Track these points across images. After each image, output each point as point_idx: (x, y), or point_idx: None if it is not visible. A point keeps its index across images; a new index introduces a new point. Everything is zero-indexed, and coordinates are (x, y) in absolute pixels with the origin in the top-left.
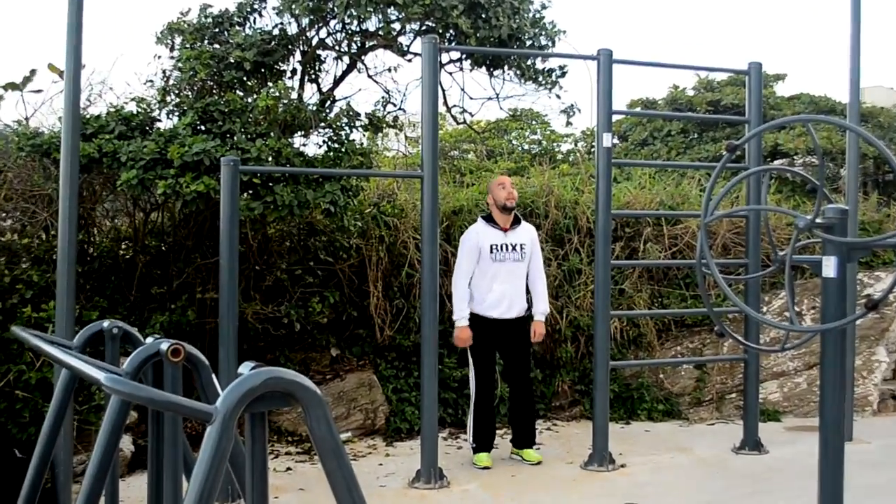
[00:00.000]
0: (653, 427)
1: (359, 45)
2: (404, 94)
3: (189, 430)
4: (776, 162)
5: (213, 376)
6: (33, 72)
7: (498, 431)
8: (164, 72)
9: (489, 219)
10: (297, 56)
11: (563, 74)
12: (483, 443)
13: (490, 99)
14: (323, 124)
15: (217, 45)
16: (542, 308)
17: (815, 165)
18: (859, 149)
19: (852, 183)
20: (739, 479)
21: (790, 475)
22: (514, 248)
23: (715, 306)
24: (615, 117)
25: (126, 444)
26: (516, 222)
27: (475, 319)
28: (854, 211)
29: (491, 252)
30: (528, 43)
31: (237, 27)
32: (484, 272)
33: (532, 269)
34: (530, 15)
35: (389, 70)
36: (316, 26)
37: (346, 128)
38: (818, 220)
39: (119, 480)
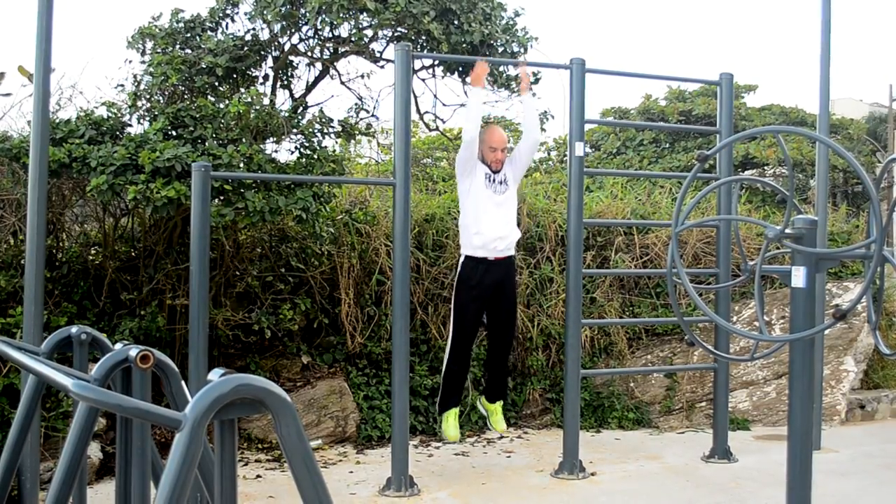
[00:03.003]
0: (623, 435)
1: (331, 51)
2: (377, 101)
3: (158, 437)
4: (747, 172)
5: (183, 383)
6: (1, 75)
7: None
8: (135, 76)
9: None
10: (270, 62)
11: (536, 81)
12: (451, 402)
13: (463, 105)
14: (295, 130)
15: (189, 51)
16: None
17: (785, 176)
18: (829, 160)
19: (822, 194)
20: (709, 487)
21: (759, 484)
22: (501, 182)
23: (685, 315)
24: (588, 126)
25: (94, 450)
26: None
27: (467, 265)
28: (823, 222)
29: (486, 178)
30: (500, 49)
31: (209, 32)
32: (476, 201)
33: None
34: (502, 22)
35: (362, 76)
36: (288, 32)
37: (319, 134)
38: (788, 231)
39: (87, 487)
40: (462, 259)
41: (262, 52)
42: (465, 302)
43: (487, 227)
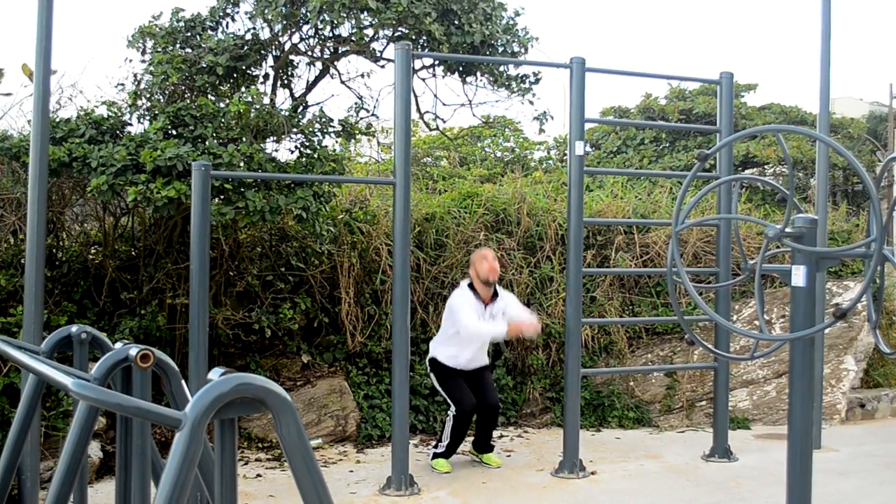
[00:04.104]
0: (623, 434)
1: (332, 50)
2: (377, 101)
3: (158, 436)
4: (747, 171)
5: (183, 382)
6: (1, 73)
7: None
8: (135, 75)
9: (472, 288)
10: (270, 61)
11: (537, 81)
12: (450, 453)
13: (463, 105)
14: (295, 130)
15: (189, 50)
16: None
17: (785, 175)
18: (829, 159)
19: (822, 193)
20: (709, 486)
21: (759, 483)
22: (493, 318)
23: (685, 314)
24: (588, 125)
25: (94, 450)
26: (495, 294)
27: (443, 366)
28: (823, 221)
29: (478, 316)
30: (501, 49)
31: (209, 31)
32: (462, 337)
33: (516, 316)
34: (503, 22)
35: (362, 76)
36: (289, 31)
37: (319, 133)
38: (788, 230)
39: (87, 487)
40: (431, 361)
41: (263, 52)
42: (452, 381)
43: (467, 356)
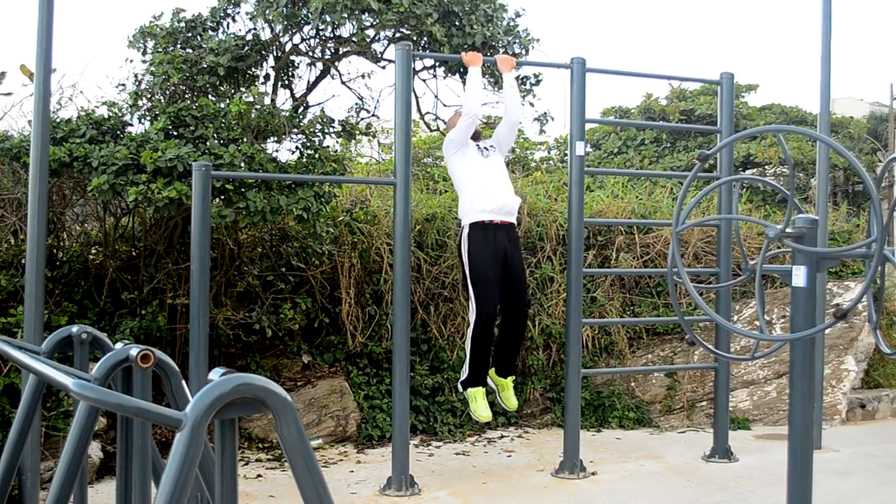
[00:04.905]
0: (624, 435)
1: (332, 51)
2: (378, 101)
3: (158, 436)
4: (748, 172)
5: (183, 382)
6: (2, 74)
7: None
8: (136, 76)
9: None
10: (271, 61)
11: (538, 82)
12: (479, 376)
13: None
14: (296, 130)
15: (190, 50)
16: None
17: (785, 175)
18: (829, 159)
19: (822, 193)
20: (709, 486)
21: (760, 483)
22: (487, 147)
23: (686, 315)
24: (588, 126)
25: (95, 450)
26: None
27: (475, 231)
28: (824, 221)
29: (477, 149)
30: (502, 50)
31: (210, 32)
32: (475, 171)
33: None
34: (504, 23)
35: (363, 76)
36: (290, 32)
37: (320, 134)
38: (788, 230)
39: (87, 487)
40: (466, 231)
41: (264, 52)
42: (481, 268)
43: (495, 191)
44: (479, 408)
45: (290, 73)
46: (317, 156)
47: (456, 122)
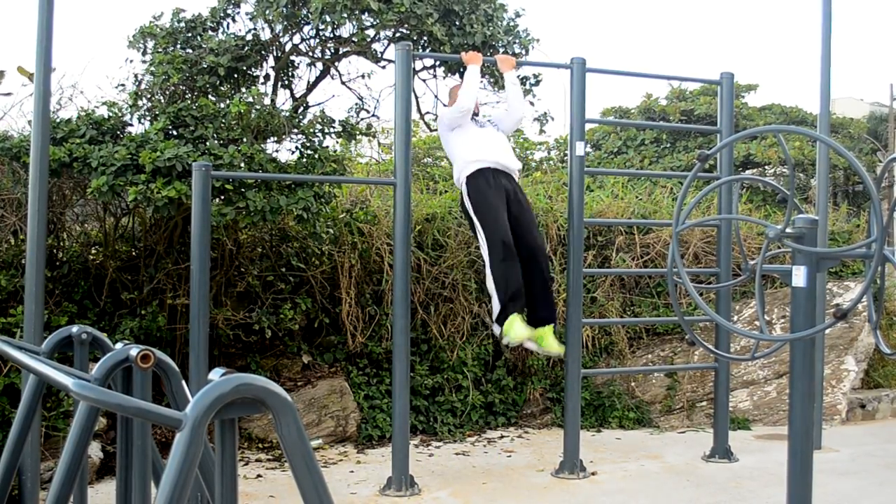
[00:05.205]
0: (624, 435)
1: (332, 51)
2: (378, 101)
3: (158, 436)
4: (748, 172)
5: (184, 382)
6: (1, 74)
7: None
8: (135, 76)
9: None
10: (271, 62)
11: (538, 82)
12: (511, 305)
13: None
14: (296, 130)
15: (190, 50)
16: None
17: (786, 176)
18: (829, 160)
19: (822, 193)
20: (709, 486)
21: (760, 483)
22: (484, 123)
23: (686, 315)
24: (588, 126)
25: (95, 450)
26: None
27: (473, 179)
28: (824, 221)
29: (473, 119)
30: (502, 50)
31: (210, 32)
32: (470, 136)
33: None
34: (504, 23)
35: (363, 76)
36: (290, 32)
37: (320, 134)
38: (788, 230)
39: (87, 487)
40: (465, 183)
41: (264, 52)
42: (484, 200)
43: (490, 148)
44: (515, 328)
45: (290, 74)
46: (317, 156)
47: (456, 95)
